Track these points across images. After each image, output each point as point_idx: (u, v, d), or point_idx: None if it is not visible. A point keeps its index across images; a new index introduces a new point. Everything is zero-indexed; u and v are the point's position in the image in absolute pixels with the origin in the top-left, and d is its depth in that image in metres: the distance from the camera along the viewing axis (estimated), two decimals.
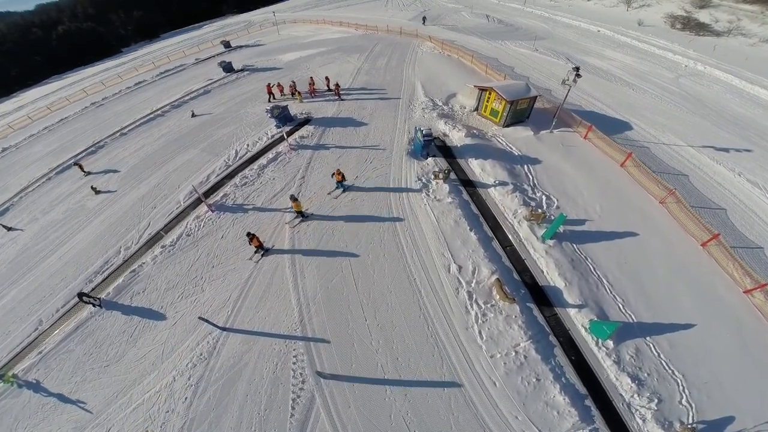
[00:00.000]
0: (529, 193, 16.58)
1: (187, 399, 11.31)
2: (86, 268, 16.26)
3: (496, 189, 16.72)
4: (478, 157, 18.38)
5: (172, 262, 15.47)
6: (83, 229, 18.75)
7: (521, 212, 15.35)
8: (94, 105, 35.02)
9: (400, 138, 20.43)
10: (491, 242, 14.66)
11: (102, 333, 13.60)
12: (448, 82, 26.68)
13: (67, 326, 14.03)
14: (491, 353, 11.10)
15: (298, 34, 44.52)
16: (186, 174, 20.57)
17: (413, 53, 32.48)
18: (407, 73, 28.43)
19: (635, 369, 10.63)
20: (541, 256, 13.74)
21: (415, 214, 15.75)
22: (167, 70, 39.06)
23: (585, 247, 14.19)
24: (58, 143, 28.55)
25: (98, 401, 11.85)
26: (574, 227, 14.90)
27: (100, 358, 12.92)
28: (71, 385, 12.42)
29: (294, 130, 22.12)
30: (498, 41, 36.35)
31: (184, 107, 28.29)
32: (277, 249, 15.16)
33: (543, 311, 12.34)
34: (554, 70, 29.34)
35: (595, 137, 19.60)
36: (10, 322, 14.90)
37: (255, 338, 12.39)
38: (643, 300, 12.45)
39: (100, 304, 14.47)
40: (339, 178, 16.62)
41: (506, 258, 14.12)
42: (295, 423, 10.34)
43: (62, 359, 13.13)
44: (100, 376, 12.44)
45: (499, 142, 20.10)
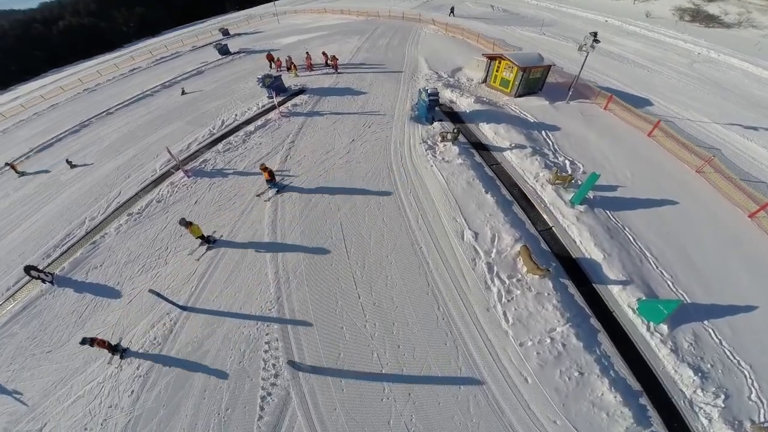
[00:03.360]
0: (551, 157, 14.53)
1: (134, 392, 9.14)
2: (47, 242, 14.32)
3: (512, 152, 14.67)
4: (490, 122, 16.41)
5: (136, 231, 13.42)
6: (51, 201, 16.97)
7: (544, 175, 13.27)
8: (86, 91, 34.02)
9: (402, 105, 18.56)
10: (511, 206, 12.47)
11: (49, 313, 11.52)
12: (454, 58, 24.94)
13: (15, 306, 12.02)
14: (520, 340, 8.71)
15: (298, 22, 43.53)
16: (167, 144, 18.73)
17: (416, 35, 30.97)
18: (410, 51, 26.78)
19: (696, 359, 8.34)
20: (571, 223, 11.55)
21: (420, 175, 13.69)
22: (163, 57, 37.92)
23: (620, 214, 11.99)
24: (45, 126, 27.40)
25: (35, 392, 9.79)
26: (605, 193, 12.75)
27: (44, 342, 10.86)
28: (9, 374, 10.39)
29: (287, 100, 20.35)
30: (504, 26, 34.88)
31: (175, 87, 26.82)
32: (246, 226, 13.09)
33: (580, 289, 9.96)
34: (563, 51, 27.60)
35: (617, 108, 17.67)
36: None
37: (220, 320, 10.15)
38: (695, 277, 10.16)
39: (52, 280, 12.41)
40: (267, 177, 13.23)
41: (530, 225, 11.88)
42: (263, 428, 8.00)
43: (2, 344, 11.07)
44: (40, 363, 10.36)
45: (512, 109, 18.15)
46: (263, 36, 38.12)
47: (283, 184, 13.87)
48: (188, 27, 57.04)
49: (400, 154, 14.90)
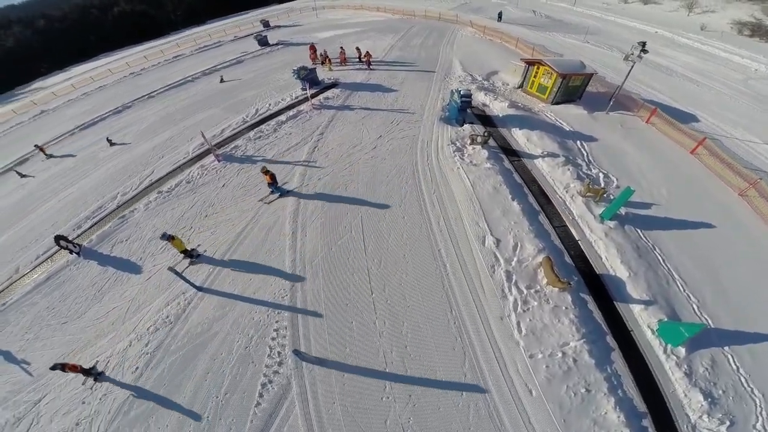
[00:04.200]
0: (584, 168, 13.89)
1: (138, 369, 9.33)
2: (79, 214, 15.10)
3: (544, 160, 14.14)
4: (523, 128, 15.89)
5: (164, 209, 13.93)
6: (88, 176, 17.97)
7: (575, 186, 12.69)
8: (132, 75, 35.83)
9: (433, 105, 18.29)
10: (538, 216, 12.01)
11: (71, 285, 12.03)
12: (490, 61, 24.39)
13: (40, 276, 12.65)
14: (531, 352, 8.42)
15: (335, 17, 44.05)
16: (202, 128, 19.39)
17: (452, 36, 30.53)
18: (445, 52, 26.42)
19: (709, 384, 7.95)
20: (599, 238, 11.01)
21: (445, 177, 13.42)
22: (206, 45, 39.34)
23: (651, 234, 11.30)
24: (91, 106, 29.06)
25: (42, 363, 10.09)
26: (638, 210, 12.06)
27: (61, 313, 11.30)
28: (22, 343, 10.85)
29: (319, 92, 20.57)
30: (545, 32, 33.80)
31: (215, 74, 27.72)
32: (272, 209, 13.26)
33: (600, 305, 9.51)
34: (607, 60, 26.43)
35: (660, 122, 16.69)
36: None
37: (233, 303, 10.27)
38: (723, 302, 9.51)
39: (79, 252, 12.99)
40: (268, 180, 12.90)
41: (556, 236, 11.41)
42: (259, 414, 8.01)
43: (22, 313, 11.62)
44: (54, 333, 10.79)
45: (547, 116, 17.52)
46: (301, 29, 38.78)
47: (285, 189, 13.58)
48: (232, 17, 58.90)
49: (426, 154, 14.69)
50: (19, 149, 23.77)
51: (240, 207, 13.22)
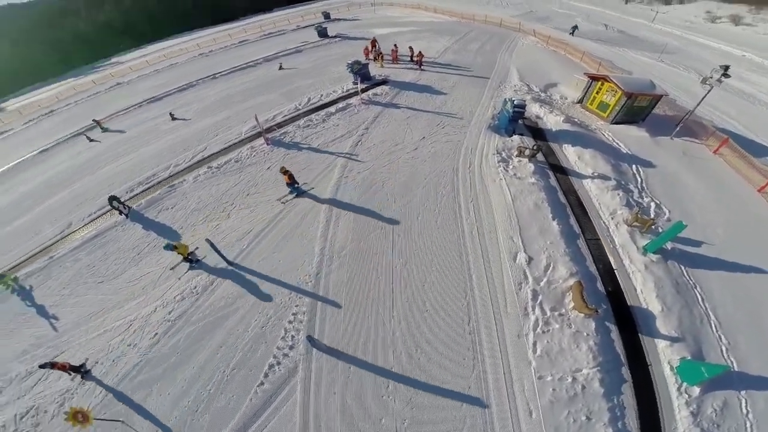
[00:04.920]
0: (635, 195, 12.92)
1: (156, 335, 9.86)
2: (134, 178, 16.42)
3: (593, 182, 13.32)
4: (576, 145, 15.05)
5: (210, 183, 14.80)
6: (148, 146, 19.51)
7: (622, 214, 11.87)
8: (201, 56, 38.24)
9: (483, 112, 17.82)
10: (576, 239, 11.38)
11: (114, 245, 13.01)
12: (550, 73, 23.33)
13: (89, 233, 13.81)
14: (541, 374, 8.16)
15: (392, 14, 44.19)
16: (256, 112, 20.33)
17: (512, 43, 29.51)
18: (502, 59, 25.61)
19: (712, 426, 7.55)
20: (637, 270, 10.32)
21: (486, 187, 13.06)
22: (270, 33, 41.16)
23: (696, 272, 10.41)
24: (161, 81, 31.39)
25: (70, 320, 10.91)
26: (687, 247, 11.08)
27: (99, 272, 12.17)
28: (57, 298, 11.72)
29: (369, 88, 20.79)
30: (615, 47, 31.70)
31: (274, 62, 28.86)
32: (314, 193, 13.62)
33: (623, 336, 9.03)
34: (681, 82, 24.35)
35: (730, 153, 15.10)
36: (45, 221, 15.39)
37: (259, 282, 10.66)
38: (756, 347, 8.81)
39: (128, 214, 14.07)
40: (287, 180, 12.89)
41: (592, 262, 10.76)
42: (260, 394, 8.26)
43: (65, 268, 12.64)
44: (88, 292, 11.61)
45: (604, 135, 16.46)
46: (359, 24, 39.36)
47: (303, 189, 13.57)
48: (297, 7, 61.06)
49: (469, 161, 14.37)
50: (94, 116, 26.21)
51: (281, 191, 13.71)
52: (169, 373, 9.00)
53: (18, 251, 14.30)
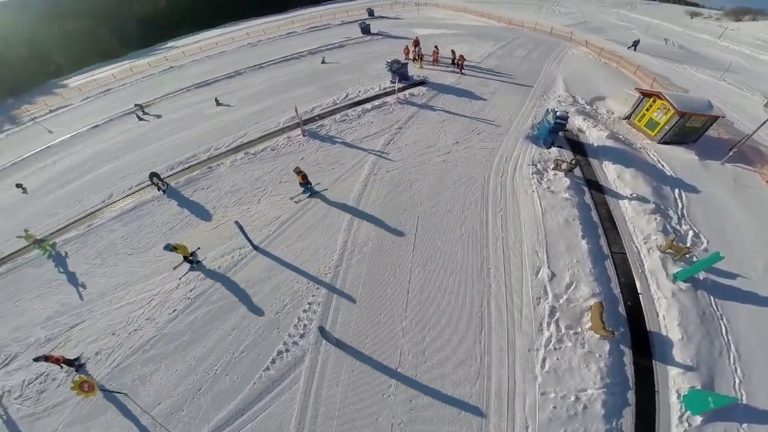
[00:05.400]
0: (674, 221, 12.15)
1: (175, 312, 10.33)
2: (175, 158, 17.38)
3: (631, 203, 12.64)
4: (617, 163, 14.31)
5: (246, 168, 15.43)
6: (192, 128, 20.64)
7: (656, 239, 11.26)
8: (249, 45, 39.72)
9: (522, 121, 17.31)
10: (604, 260, 10.90)
11: (149, 219, 13.79)
12: (598, 85, 22.27)
13: (127, 205, 14.73)
14: (544, 390, 8.01)
15: (436, 15, 43.63)
16: (297, 103, 20.93)
17: (561, 52, 28.38)
18: (549, 68, 24.71)
19: None
20: (663, 297, 9.86)
21: (516, 198, 12.73)
22: (316, 26, 42.05)
23: (726, 304, 9.75)
24: (210, 68, 32.95)
25: (96, 290, 11.52)
26: (720, 278, 10.34)
27: (132, 244, 12.90)
28: (88, 266, 12.43)
29: (406, 88, 20.76)
30: (674, 63, 29.70)
31: (318, 55, 29.50)
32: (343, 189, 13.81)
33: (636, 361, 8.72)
34: (743, 103, 22.42)
35: None
36: (89, 192, 16.62)
37: (280, 269, 10.97)
38: None
39: (165, 190, 14.88)
40: (301, 180, 12.94)
41: (617, 285, 10.31)
42: (264, 379, 8.49)
43: (100, 237, 13.49)
44: (118, 263, 12.32)
45: (649, 155, 15.53)
46: (401, 23, 39.28)
47: (315, 189, 13.53)
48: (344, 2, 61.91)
49: (502, 170, 14.04)
50: (146, 96, 28.09)
51: (313, 180, 14.03)
52: (180, 350, 9.40)
53: (61, 216, 15.57)
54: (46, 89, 47.98)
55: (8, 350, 10.53)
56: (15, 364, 10.17)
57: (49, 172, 20.89)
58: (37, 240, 13.69)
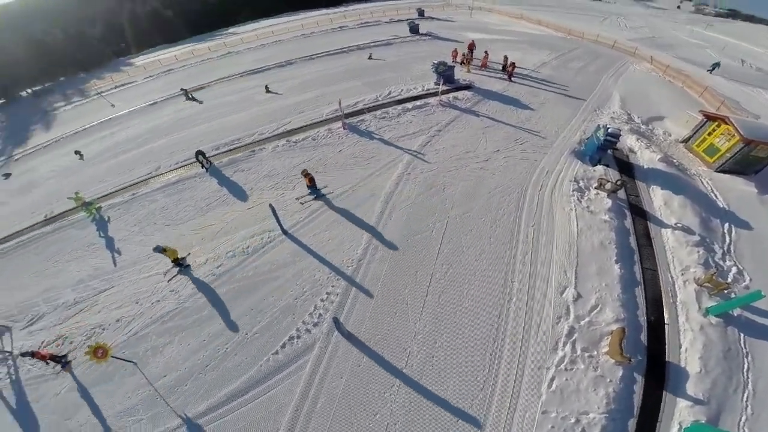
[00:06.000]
0: (717, 256, 11.19)
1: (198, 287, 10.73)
2: (221, 139, 18.32)
3: (673, 232, 11.80)
4: (666, 188, 13.35)
5: (285, 155, 15.98)
6: (240, 112, 21.64)
7: (695, 272, 10.53)
8: (303, 36, 40.94)
9: (570, 135, 16.56)
10: (635, 287, 10.32)
11: (189, 194, 14.56)
12: (658, 104, 20.82)
13: (171, 178, 15.68)
14: (546, 408, 7.81)
15: (489, 20, 42.48)
16: (341, 97, 21.34)
17: (621, 67, 26.78)
18: (606, 82, 23.40)
19: None
20: (690, 329, 9.32)
21: (552, 214, 12.24)
22: (366, 22, 42.58)
23: (755, 342, 9.07)
24: (264, 56, 34.32)
25: (130, 257, 12.13)
26: (755, 316, 9.53)
27: (170, 216, 13.59)
28: (126, 233, 13.20)
29: (450, 90, 20.52)
30: (747, 86, 27.11)
31: (365, 51, 29.84)
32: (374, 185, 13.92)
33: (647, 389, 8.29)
34: None
35: None
36: (139, 163, 17.85)
37: (305, 256, 11.22)
38: None
39: (208, 168, 15.70)
40: (308, 182, 12.94)
41: (644, 313, 9.75)
42: (271, 362, 8.68)
43: (142, 206, 14.36)
44: (155, 232, 12.99)
45: (703, 184, 14.33)
46: (451, 25, 38.72)
47: (322, 192, 13.44)
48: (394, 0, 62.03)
49: (541, 183, 13.54)
50: (202, 79, 29.86)
51: (346, 174, 14.37)
52: (196, 325, 9.80)
53: (110, 183, 16.91)
54: (114, 66, 52.27)
55: (36, 310, 11.32)
56: (39, 325, 10.86)
57: (107, 142, 22.88)
58: (85, 202, 14.88)
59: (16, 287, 12.46)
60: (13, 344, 10.50)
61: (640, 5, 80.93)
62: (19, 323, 11.12)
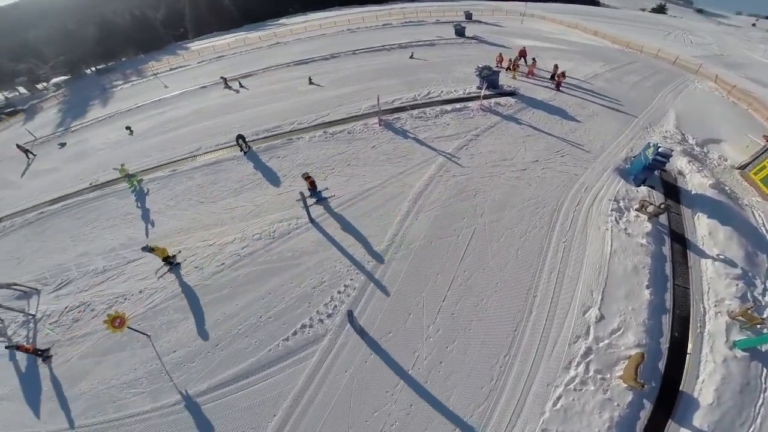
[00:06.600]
0: (757, 290, 10.30)
1: (222, 265, 10.99)
2: (261, 125, 18.96)
3: (714, 263, 10.94)
4: (714, 217, 12.34)
5: (322, 146, 16.29)
6: (283, 101, 22.35)
7: (730, 305, 9.80)
8: (348, 31, 41.61)
9: (616, 151, 15.66)
10: (663, 315, 9.71)
11: (225, 174, 15.15)
12: (717, 126, 19.25)
13: (210, 159, 16.39)
14: (547, 426, 7.57)
15: (541, 28, 40.95)
16: (380, 93, 21.43)
17: (681, 84, 24.97)
18: (663, 99, 21.91)
19: None
20: (712, 360, 8.79)
21: (586, 232, 11.67)
22: (411, 21, 42.51)
23: None
24: (310, 48, 35.17)
25: (162, 230, 12.60)
26: None
27: (204, 194, 14.17)
28: (161, 206, 13.82)
29: (493, 96, 20.01)
30: None
31: (407, 50, 29.77)
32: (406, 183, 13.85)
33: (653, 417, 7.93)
34: None
35: None
36: (183, 142, 18.82)
37: (328, 246, 11.35)
38: None
39: (246, 152, 16.30)
40: (309, 186, 12.91)
41: (667, 340, 9.18)
42: (280, 348, 8.78)
43: (180, 182, 15.06)
44: (188, 208, 13.55)
45: (754, 215, 13.13)
46: (500, 30, 37.72)
47: (323, 196, 13.26)
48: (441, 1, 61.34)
49: (579, 199, 12.92)
50: (250, 66, 31.04)
51: (377, 170, 14.42)
52: (214, 304, 10.08)
53: (154, 158, 17.96)
54: (171, 50, 55.54)
55: (68, 275, 12.04)
56: (66, 290, 11.49)
57: (156, 120, 24.34)
58: (128, 174, 15.93)
59: (55, 250, 13.47)
60: (38, 307, 11.21)
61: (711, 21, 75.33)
62: (48, 287, 11.90)
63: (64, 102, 39.66)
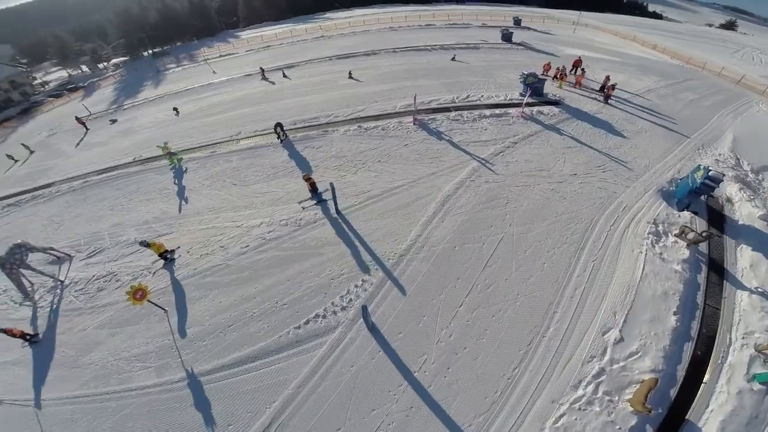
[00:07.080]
0: None
1: (247, 247, 11.24)
2: (300, 116, 19.57)
3: (750, 296, 10.14)
4: (758, 250, 11.40)
5: (354, 140, 16.56)
6: (323, 93, 22.90)
7: (759, 338, 9.12)
8: (390, 29, 41.78)
9: (661, 172, 14.77)
10: (686, 342, 9.16)
11: (260, 160, 15.69)
12: None
13: (248, 144, 17.09)
14: None
15: (595, 38, 39.11)
16: (417, 92, 21.38)
17: (744, 105, 23.06)
18: (720, 120, 20.37)
19: None
20: (727, 392, 8.26)
21: (618, 252, 11.13)
22: (455, 23, 42.01)
23: None
24: (353, 43, 35.93)
25: (195, 207, 13.08)
26: None
27: (239, 176, 14.69)
28: (196, 185, 14.41)
29: (535, 104, 19.43)
30: None
31: (450, 52, 29.47)
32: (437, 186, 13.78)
33: None
34: None
35: None
36: (224, 126, 19.75)
37: (351, 239, 11.45)
38: None
39: (283, 140, 16.87)
40: (310, 187, 12.81)
41: (685, 368, 8.65)
42: (291, 336, 8.87)
43: (217, 164, 15.69)
44: (221, 189, 14.06)
45: None
46: (550, 38, 36.38)
47: (324, 198, 13.10)
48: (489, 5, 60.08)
49: (615, 218, 12.33)
50: (295, 58, 32.08)
51: (407, 169, 14.44)
52: (233, 285, 10.33)
53: (195, 140, 18.93)
54: (222, 37, 58.13)
55: (100, 243, 12.70)
56: (96, 258, 12.02)
57: (201, 103, 25.63)
58: (170, 152, 16.87)
59: (93, 218, 14.45)
60: (68, 274, 11.84)
61: None
62: (81, 254, 12.63)
63: (120, 81, 42.69)
